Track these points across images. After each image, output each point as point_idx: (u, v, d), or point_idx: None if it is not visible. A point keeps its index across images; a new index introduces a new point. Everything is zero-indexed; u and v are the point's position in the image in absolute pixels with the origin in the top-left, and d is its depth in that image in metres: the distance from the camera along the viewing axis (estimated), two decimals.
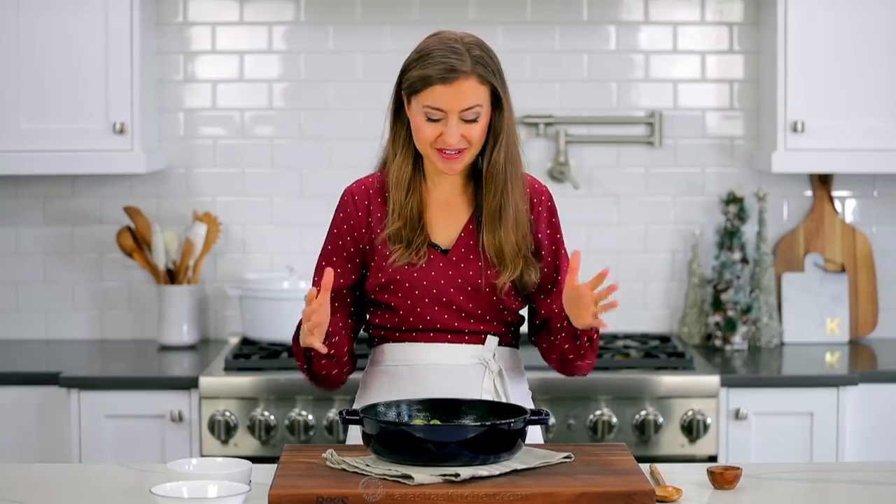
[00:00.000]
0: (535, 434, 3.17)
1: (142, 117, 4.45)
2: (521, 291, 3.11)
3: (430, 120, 3.00)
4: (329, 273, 2.92)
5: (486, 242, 3.07)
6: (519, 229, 3.08)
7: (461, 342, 3.09)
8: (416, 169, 3.10)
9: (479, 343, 3.11)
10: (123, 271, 4.80)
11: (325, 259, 3.14)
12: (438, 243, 3.10)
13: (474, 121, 3.00)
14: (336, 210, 3.16)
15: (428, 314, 3.08)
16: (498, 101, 3.04)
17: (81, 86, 4.42)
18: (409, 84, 3.02)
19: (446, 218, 3.11)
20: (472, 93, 2.99)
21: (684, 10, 4.77)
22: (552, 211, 3.18)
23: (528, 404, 3.19)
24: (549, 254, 3.15)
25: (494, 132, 3.06)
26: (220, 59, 4.77)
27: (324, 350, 2.97)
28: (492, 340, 3.11)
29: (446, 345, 3.09)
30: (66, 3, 4.40)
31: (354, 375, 3.26)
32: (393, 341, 3.12)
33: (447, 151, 3.01)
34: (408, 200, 3.08)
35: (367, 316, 3.18)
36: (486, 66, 3.01)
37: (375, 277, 3.09)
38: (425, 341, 3.10)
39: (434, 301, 3.07)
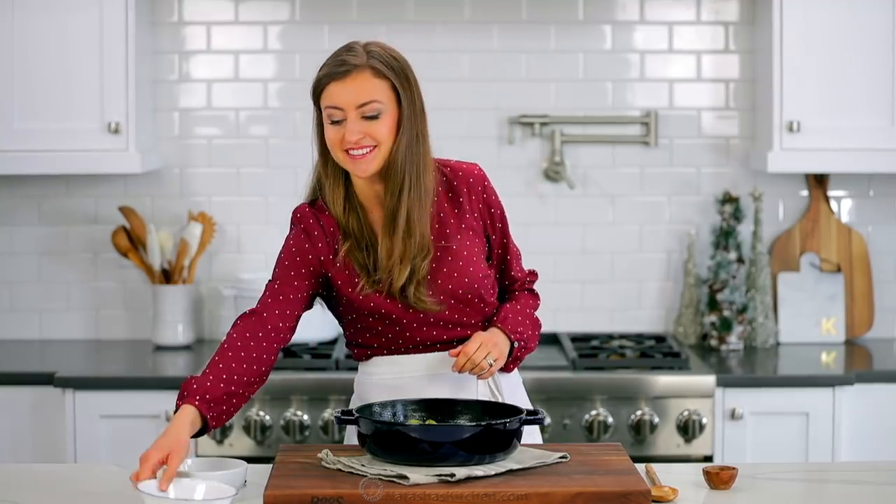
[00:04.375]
0: (532, 433, 3.16)
1: (137, 117, 4.45)
2: (422, 310, 3.03)
3: (333, 123, 2.96)
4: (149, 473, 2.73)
5: (380, 246, 3.01)
6: (410, 240, 3.00)
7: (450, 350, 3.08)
8: (350, 191, 3.05)
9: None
10: (118, 271, 4.79)
11: (279, 268, 3.05)
12: None
13: (375, 118, 2.95)
14: (292, 227, 3.08)
15: (417, 335, 3.06)
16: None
17: (76, 85, 4.41)
18: (313, 90, 3.00)
19: None
20: (367, 87, 2.94)
21: (680, 10, 4.77)
22: (489, 192, 3.12)
23: (521, 394, 3.19)
24: (496, 234, 3.14)
25: (397, 131, 2.99)
26: (215, 59, 4.77)
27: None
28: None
29: (437, 353, 3.08)
30: (61, 3, 4.39)
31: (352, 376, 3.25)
32: (382, 355, 3.11)
33: (353, 152, 2.95)
34: (347, 218, 3.03)
35: (349, 332, 3.12)
36: (383, 62, 2.96)
37: (352, 307, 3.05)
38: (416, 353, 3.09)
39: (421, 322, 3.05)
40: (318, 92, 2.99)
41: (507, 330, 3.08)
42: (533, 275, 3.25)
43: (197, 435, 2.87)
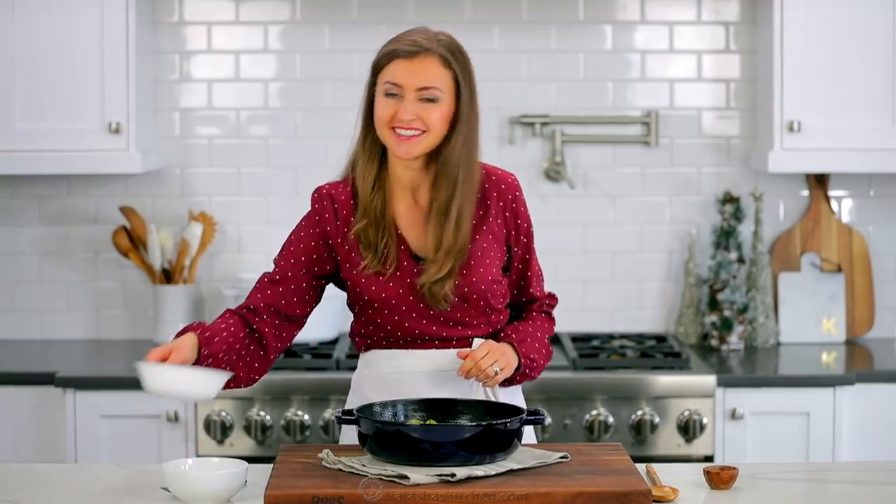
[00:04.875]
0: (529, 432, 3.16)
1: (137, 117, 4.45)
2: (433, 305, 3.04)
3: (388, 96, 2.98)
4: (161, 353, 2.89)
5: (427, 235, 3.03)
6: (458, 233, 3.02)
7: (449, 348, 3.08)
8: (382, 172, 3.07)
9: (466, 347, 3.08)
10: (119, 271, 4.79)
11: (285, 250, 3.10)
12: (419, 253, 3.06)
13: (432, 101, 2.97)
14: (310, 209, 3.11)
15: (416, 328, 3.06)
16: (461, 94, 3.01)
17: (77, 85, 4.42)
18: (376, 62, 3.01)
19: (424, 227, 3.07)
20: (432, 72, 2.97)
21: (680, 10, 4.77)
22: (519, 202, 3.13)
23: (519, 399, 3.18)
24: (519, 247, 3.14)
25: (452, 124, 3.01)
26: (216, 59, 4.77)
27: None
28: (478, 343, 3.09)
29: (434, 351, 3.08)
30: (62, 3, 4.39)
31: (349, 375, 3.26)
32: (380, 348, 3.11)
33: (401, 132, 2.97)
34: (373, 197, 3.04)
35: (353, 324, 3.15)
36: (452, 53, 2.99)
37: (354, 293, 3.07)
38: (414, 348, 3.09)
39: (421, 315, 3.05)
40: (380, 66, 3.00)
41: (520, 352, 3.07)
42: (553, 298, 3.24)
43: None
